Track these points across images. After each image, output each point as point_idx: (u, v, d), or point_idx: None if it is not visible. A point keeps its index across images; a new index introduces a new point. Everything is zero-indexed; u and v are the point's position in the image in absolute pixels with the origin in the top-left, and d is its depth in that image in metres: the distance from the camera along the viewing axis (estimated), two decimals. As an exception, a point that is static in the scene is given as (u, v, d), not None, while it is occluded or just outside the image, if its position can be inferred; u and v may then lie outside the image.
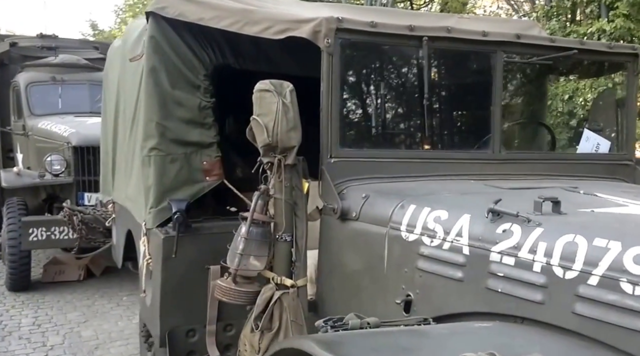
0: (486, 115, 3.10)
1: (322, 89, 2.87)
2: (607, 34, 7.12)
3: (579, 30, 7.60)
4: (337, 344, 1.86)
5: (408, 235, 2.49)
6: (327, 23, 2.82)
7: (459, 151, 3.32)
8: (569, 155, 3.40)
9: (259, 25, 3.18)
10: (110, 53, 5.49)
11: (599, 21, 7.40)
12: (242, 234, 2.79)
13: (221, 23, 3.38)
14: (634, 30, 7.13)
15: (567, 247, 1.94)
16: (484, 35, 3.04)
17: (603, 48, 3.28)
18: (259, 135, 2.76)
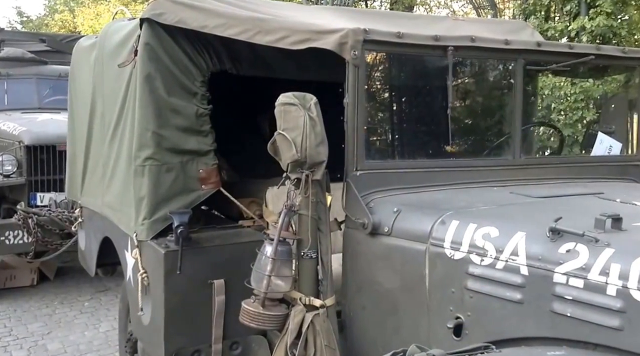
0: (506, 121, 3.01)
1: (347, 100, 2.72)
2: (587, 32, 7.23)
3: (556, 27, 7.72)
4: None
5: (453, 253, 2.36)
6: (353, 35, 2.67)
7: (481, 158, 3.23)
8: (584, 157, 3.37)
9: (273, 35, 2.98)
10: (78, 52, 5.19)
11: (577, 19, 7.51)
12: (269, 254, 2.60)
13: (228, 31, 3.16)
14: (615, 28, 7.27)
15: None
16: (507, 44, 2.96)
17: (618, 53, 3.25)
18: (286, 150, 2.58)
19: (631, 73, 3.40)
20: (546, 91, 5.71)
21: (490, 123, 3.39)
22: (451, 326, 2.30)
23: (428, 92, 3.26)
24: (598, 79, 3.73)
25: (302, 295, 2.68)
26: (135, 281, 3.67)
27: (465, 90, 3.23)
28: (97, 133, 4.52)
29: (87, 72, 4.82)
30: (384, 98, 3.24)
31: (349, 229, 2.78)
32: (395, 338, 2.58)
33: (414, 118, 3.35)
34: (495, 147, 3.19)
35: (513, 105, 3.05)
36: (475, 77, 3.27)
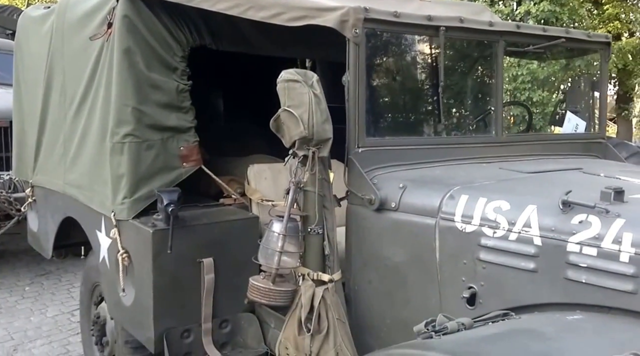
0: (489, 100, 3.13)
1: (347, 79, 2.73)
2: (532, 16, 7.54)
3: (503, 10, 7.99)
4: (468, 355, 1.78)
5: (464, 227, 2.44)
6: (354, 13, 2.68)
7: (469, 136, 3.34)
8: (557, 135, 3.56)
9: (267, 11, 2.93)
10: (26, 23, 4.87)
11: (523, 3, 7.83)
12: (279, 230, 2.59)
13: (218, 5, 3.09)
14: (558, 13, 7.63)
15: (657, 237, 2.00)
16: (490, 25, 3.06)
17: (584, 37, 3.44)
18: (293, 127, 2.57)
19: (593, 56, 3.60)
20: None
21: (475, 102, 3.50)
22: (466, 295, 2.39)
23: (422, 72, 3.32)
24: (565, 59, 3.90)
25: (309, 271, 2.70)
26: (113, 262, 3.54)
27: (454, 70, 3.31)
28: (56, 109, 4.28)
29: (38, 45, 4.54)
30: (383, 77, 3.26)
31: (353, 205, 2.81)
32: (404, 310, 2.65)
33: (410, 96, 3.41)
34: (480, 125, 3.31)
35: (495, 85, 3.16)
36: (462, 57, 3.35)
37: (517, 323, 2.12)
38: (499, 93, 3.16)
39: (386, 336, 2.73)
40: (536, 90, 5.40)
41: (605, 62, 3.54)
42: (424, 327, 2.06)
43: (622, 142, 3.64)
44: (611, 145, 3.57)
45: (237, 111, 5.84)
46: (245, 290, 3.32)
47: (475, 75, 3.39)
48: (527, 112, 3.67)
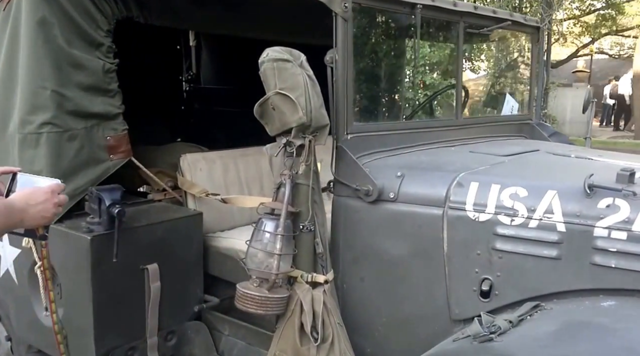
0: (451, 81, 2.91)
1: (334, 58, 2.32)
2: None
3: None
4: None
5: (478, 215, 2.18)
6: None
7: (437, 119, 3.08)
8: (500, 117, 3.44)
9: None
10: None
11: None
12: (274, 230, 2.12)
13: None
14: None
15: (690, 219, 1.90)
16: (455, 5, 2.82)
17: (521, 20, 3.35)
18: (289, 113, 2.12)
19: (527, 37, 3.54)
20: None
21: (439, 84, 3.26)
22: (482, 288, 2.14)
23: (402, 53, 2.99)
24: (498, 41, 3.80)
25: (302, 272, 2.28)
26: (25, 276, 2.79)
27: (426, 52, 3.03)
28: None
29: None
30: (367, 58, 2.88)
31: (342, 197, 2.42)
32: (404, 306, 2.34)
33: (389, 79, 3.06)
34: (445, 107, 3.08)
35: (455, 67, 2.95)
36: (430, 38, 3.09)
37: (564, 315, 1.92)
38: (459, 75, 2.95)
39: (382, 335, 2.41)
40: (428, 74, 5.37)
41: (536, 46, 3.50)
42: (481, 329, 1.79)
43: (540, 123, 3.65)
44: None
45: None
46: (191, 294, 2.85)
47: (441, 56, 3.13)
48: (465, 95, 3.53)
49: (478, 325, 1.85)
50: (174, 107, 5.69)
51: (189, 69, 5.89)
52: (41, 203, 1.81)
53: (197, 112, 5.80)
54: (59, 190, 1.90)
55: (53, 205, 1.86)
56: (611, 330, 1.76)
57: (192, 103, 5.86)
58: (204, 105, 5.76)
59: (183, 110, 5.83)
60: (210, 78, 5.85)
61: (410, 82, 2.67)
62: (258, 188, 3.31)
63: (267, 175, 3.30)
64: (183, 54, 5.80)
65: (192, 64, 5.89)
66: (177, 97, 5.79)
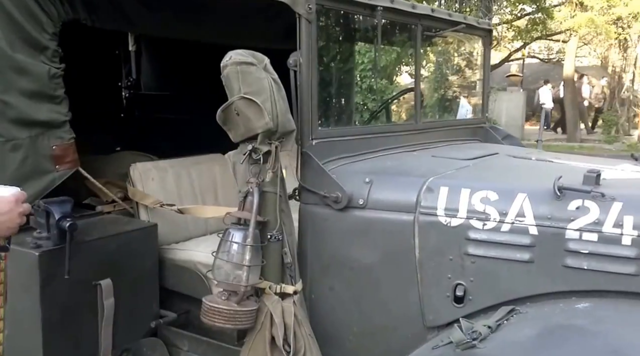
0: (411, 85, 2.90)
1: (298, 61, 2.25)
2: None
3: None
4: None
5: (449, 220, 2.15)
6: None
7: (399, 123, 3.05)
8: (457, 121, 3.46)
9: None
10: None
11: None
12: (244, 241, 2.03)
13: None
14: None
15: (657, 218, 1.94)
16: (413, 8, 2.82)
17: (474, 23, 3.38)
18: (255, 118, 2.04)
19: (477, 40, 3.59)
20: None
21: (398, 88, 3.23)
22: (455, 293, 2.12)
23: (361, 56, 2.94)
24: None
25: (271, 283, 2.18)
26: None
27: (386, 53, 2.99)
28: None
29: None
30: (330, 61, 2.80)
31: (309, 205, 2.34)
32: (376, 315, 2.28)
33: (351, 83, 2.99)
34: (405, 112, 3.06)
35: (415, 71, 2.94)
36: (390, 41, 3.06)
37: (541, 318, 1.92)
38: (417, 79, 2.94)
39: (353, 346, 2.35)
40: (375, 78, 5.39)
41: (487, 49, 3.55)
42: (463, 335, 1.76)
43: (493, 126, 3.71)
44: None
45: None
46: (146, 310, 2.70)
47: (403, 60, 3.12)
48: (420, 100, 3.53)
49: (459, 332, 1.82)
50: (113, 114, 5.45)
51: (128, 75, 5.67)
52: (6, 213, 1.67)
53: (138, 119, 5.58)
54: (22, 198, 1.75)
55: (18, 215, 1.71)
56: (592, 332, 1.77)
57: (132, 110, 5.63)
58: (144, 112, 5.55)
59: (122, 118, 5.59)
60: (151, 84, 5.65)
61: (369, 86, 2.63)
62: (212, 197, 3.19)
63: (221, 184, 3.19)
64: (122, 59, 5.58)
65: (131, 69, 5.66)
66: (116, 103, 5.55)
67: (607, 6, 15.83)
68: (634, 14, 15.98)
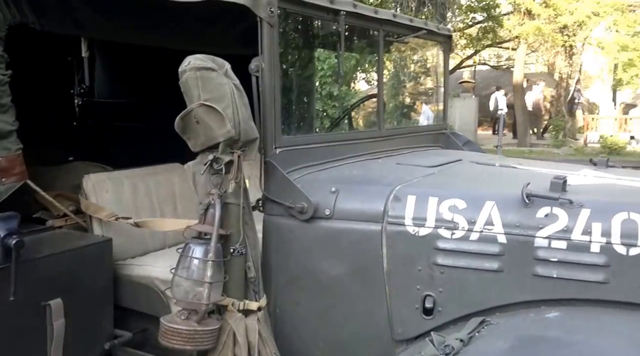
0: (376, 92, 2.83)
1: (260, 66, 2.14)
2: None
3: None
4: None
5: (417, 230, 2.08)
6: None
7: (364, 131, 2.96)
8: (420, 128, 3.40)
9: None
10: None
11: None
12: (203, 256, 1.90)
13: None
14: None
15: (626, 225, 1.91)
16: (375, 13, 2.74)
17: (435, 29, 3.34)
18: (216, 126, 1.92)
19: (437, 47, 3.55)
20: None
21: (358, 94, 3.14)
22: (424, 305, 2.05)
23: (319, 61, 2.83)
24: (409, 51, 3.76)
25: (233, 300, 2.05)
26: None
27: (347, 59, 2.90)
28: None
29: None
30: (292, 66, 2.68)
31: (273, 216, 2.22)
32: (344, 329, 2.18)
33: (311, 88, 2.88)
34: (370, 119, 2.98)
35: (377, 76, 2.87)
36: (352, 47, 2.97)
37: (513, 330, 1.86)
38: (380, 85, 2.87)
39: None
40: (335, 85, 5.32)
41: (447, 55, 3.52)
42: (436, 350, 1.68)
43: (454, 132, 3.68)
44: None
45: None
46: (100, 330, 2.52)
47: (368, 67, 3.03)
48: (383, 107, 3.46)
49: (432, 347, 1.74)
50: (65, 123, 5.20)
51: (81, 82, 5.42)
52: None
53: (92, 128, 5.34)
54: None
55: None
56: (565, 343, 1.72)
57: (86, 119, 5.39)
58: (99, 121, 5.32)
59: (75, 126, 5.34)
60: (105, 91, 5.42)
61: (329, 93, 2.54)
62: (171, 209, 3.03)
63: (181, 195, 3.04)
64: (74, 66, 5.33)
65: (84, 76, 5.42)
66: (68, 112, 5.30)
67: (553, 15, 16.32)
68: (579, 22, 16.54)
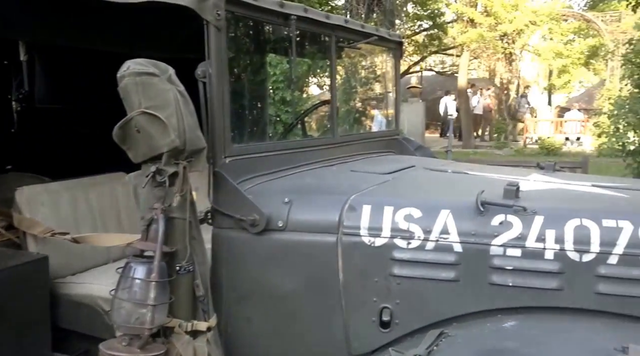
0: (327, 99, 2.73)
1: (207, 71, 2.02)
2: None
3: None
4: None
5: (373, 240, 2.00)
6: None
7: (317, 138, 2.85)
8: (373, 134, 3.32)
9: None
10: None
11: None
12: (146, 276, 1.75)
13: None
14: None
15: (579, 231, 1.89)
16: (327, 18, 2.66)
17: (386, 35, 3.28)
18: (159, 136, 1.79)
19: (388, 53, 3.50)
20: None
21: (311, 100, 3.04)
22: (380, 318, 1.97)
23: (276, 67, 2.71)
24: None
25: (181, 321, 1.91)
26: None
27: (300, 64, 2.79)
28: None
29: None
30: (242, 72, 2.53)
31: (223, 229, 2.09)
32: (299, 345, 2.08)
33: (263, 94, 2.74)
34: (324, 125, 2.88)
35: (331, 83, 2.78)
36: (303, 53, 2.85)
37: (472, 342, 1.80)
38: (333, 91, 2.78)
39: (274, 380, 2.12)
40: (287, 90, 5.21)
41: (398, 61, 3.47)
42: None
43: (406, 138, 3.64)
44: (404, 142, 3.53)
45: None
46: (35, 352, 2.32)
47: (318, 72, 2.94)
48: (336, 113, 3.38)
49: None
50: (2, 130, 4.88)
51: (19, 87, 5.10)
52: None
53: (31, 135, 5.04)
54: None
55: None
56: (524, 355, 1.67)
57: (25, 126, 5.08)
58: (38, 127, 5.02)
59: (13, 134, 5.03)
60: (45, 97, 5.12)
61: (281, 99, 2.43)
62: (115, 222, 2.85)
63: (125, 207, 2.86)
64: (12, 70, 5.02)
65: (23, 80, 5.11)
66: (5, 118, 4.98)
67: (494, 23, 16.77)
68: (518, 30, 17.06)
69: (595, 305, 1.86)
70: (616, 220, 1.89)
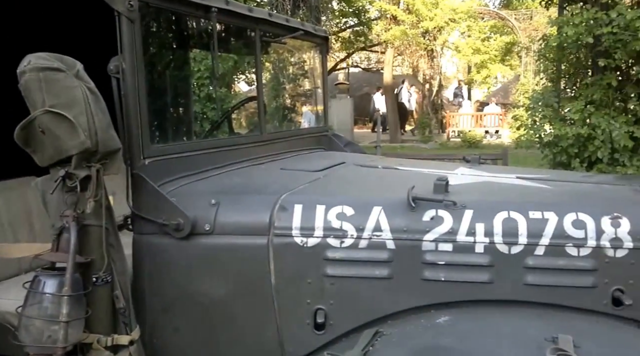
0: (255, 96, 2.61)
1: (120, 66, 1.86)
2: None
3: None
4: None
5: (306, 240, 1.91)
6: None
7: (244, 135, 2.70)
8: (302, 130, 3.21)
9: None
10: None
11: None
12: (57, 290, 1.58)
13: None
14: None
15: (507, 223, 1.88)
16: (250, 12, 2.54)
17: (311, 30, 3.19)
18: (67, 137, 1.63)
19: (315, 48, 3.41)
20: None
21: (238, 96, 2.89)
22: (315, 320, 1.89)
23: (199, 62, 2.53)
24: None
25: (99, 336, 1.75)
26: None
27: (224, 60, 2.64)
28: None
29: None
30: (160, 67, 2.34)
31: (144, 235, 1.94)
32: (231, 353, 1.96)
33: (186, 93, 2.55)
34: (252, 123, 2.74)
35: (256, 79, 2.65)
36: (228, 47, 2.70)
37: (407, 340, 1.76)
38: (259, 87, 2.66)
39: (206, 392, 1.99)
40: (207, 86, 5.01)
41: (325, 56, 3.39)
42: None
43: (335, 134, 3.58)
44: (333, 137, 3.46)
45: None
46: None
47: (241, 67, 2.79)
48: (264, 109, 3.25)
49: None
50: None
51: None
52: None
53: None
54: None
55: None
56: (458, 351, 1.64)
57: None
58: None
59: None
60: None
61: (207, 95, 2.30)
62: (26, 229, 2.61)
63: (38, 213, 2.62)
64: None
65: None
66: None
67: (416, 20, 17.11)
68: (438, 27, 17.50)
69: (525, 296, 1.87)
70: (542, 211, 1.90)
